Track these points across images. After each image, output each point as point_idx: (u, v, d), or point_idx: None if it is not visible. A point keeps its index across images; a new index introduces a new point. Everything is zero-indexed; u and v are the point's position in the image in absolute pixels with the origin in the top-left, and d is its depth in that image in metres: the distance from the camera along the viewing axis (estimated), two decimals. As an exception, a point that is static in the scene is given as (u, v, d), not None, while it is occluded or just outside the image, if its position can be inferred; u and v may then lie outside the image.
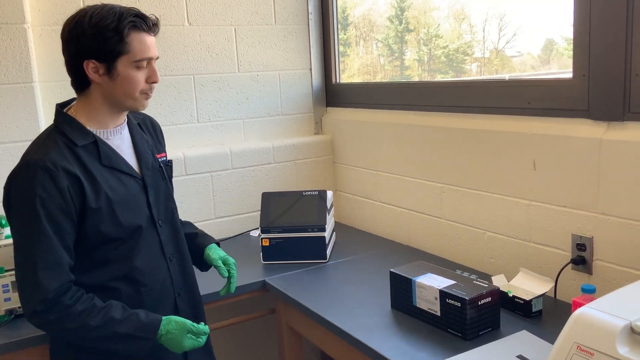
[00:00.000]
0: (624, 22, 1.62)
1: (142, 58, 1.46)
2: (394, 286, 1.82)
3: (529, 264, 1.93)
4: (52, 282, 1.38)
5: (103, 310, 1.43)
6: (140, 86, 1.49)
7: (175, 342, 1.49)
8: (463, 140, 2.15)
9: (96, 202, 1.45)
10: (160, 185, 1.64)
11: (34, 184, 1.38)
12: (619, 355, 1.03)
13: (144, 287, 1.55)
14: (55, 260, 1.40)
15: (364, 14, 3.03)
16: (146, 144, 1.64)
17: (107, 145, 1.52)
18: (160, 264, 1.60)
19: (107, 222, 1.47)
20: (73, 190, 1.41)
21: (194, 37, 2.59)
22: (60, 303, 1.39)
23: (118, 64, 1.44)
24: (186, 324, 1.51)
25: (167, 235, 1.63)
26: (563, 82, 1.83)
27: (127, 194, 1.52)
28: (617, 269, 1.70)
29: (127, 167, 1.55)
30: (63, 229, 1.41)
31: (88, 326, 1.40)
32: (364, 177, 2.74)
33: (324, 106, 3.03)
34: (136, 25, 1.44)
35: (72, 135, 1.47)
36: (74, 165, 1.43)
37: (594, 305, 1.15)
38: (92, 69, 1.44)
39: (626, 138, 1.63)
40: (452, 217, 2.26)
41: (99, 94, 1.49)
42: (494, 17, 2.24)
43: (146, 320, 1.47)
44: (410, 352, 1.55)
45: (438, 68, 2.62)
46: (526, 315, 1.70)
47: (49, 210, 1.39)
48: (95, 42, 1.42)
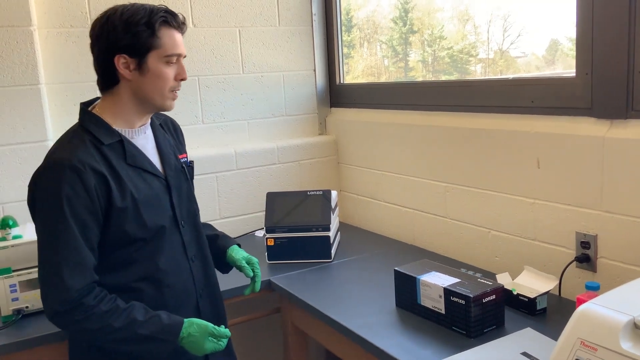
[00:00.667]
0: (626, 20, 1.63)
1: (173, 53, 1.48)
2: (399, 284, 1.83)
3: (533, 262, 1.94)
4: (76, 282, 1.37)
5: (125, 311, 1.42)
6: (169, 83, 1.50)
7: (196, 345, 1.48)
8: (467, 139, 2.16)
9: (122, 202, 1.44)
10: (183, 185, 1.63)
11: (61, 182, 1.37)
12: (622, 351, 1.04)
13: (167, 288, 1.54)
14: (80, 261, 1.39)
15: (368, 16, 3.03)
16: (169, 145, 1.64)
17: (132, 145, 1.52)
18: (183, 265, 1.60)
19: (131, 222, 1.46)
20: (100, 189, 1.41)
21: (199, 38, 2.61)
22: (84, 304, 1.38)
23: (149, 59, 1.45)
24: (208, 326, 1.50)
25: (190, 236, 1.63)
26: (566, 81, 1.84)
27: (151, 194, 1.52)
28: (621, 266, 1.70)
29: (152, 166, 1.55)
30: (89, 229, 1.41)
31: (111, 327, 1.40)
32: (368, 177, 2.75)
33: (328, 107, 3.04)
34: (167, 21, 1.46)
35: (98, 134, 1.47)
36: (101, 164, 1.43)
37: (597, 301, 1.15)
38: (122, 65, 1.45)
39: (629, 136, 1.64)
40: (457, 216, 2.26)
41: (128, 91, 1.49)
42: (498, 17, 2.24)
43: (168, 322, 1.46)
44: (414, 349, 1.56)
45: (442, 69, 2.62)
46: (531, 313, 1.71)
47: (76, 210, 1.38)
48: (126, 37, 1.43)
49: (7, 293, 1.82)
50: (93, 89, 2.37)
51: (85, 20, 2.36)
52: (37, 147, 2.25)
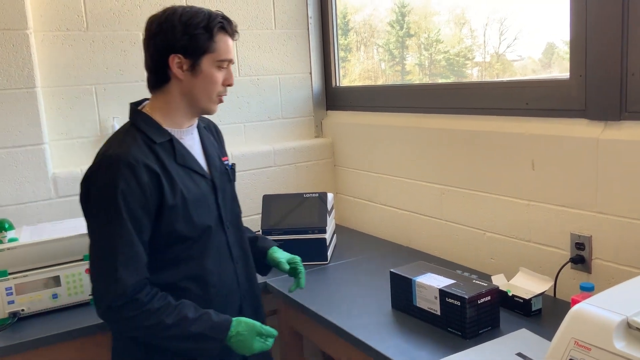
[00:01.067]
0: (619, 23, 1.64)
1: (225, 58, 1.52)
2: (394, 286, 1.83)
3: (528, 264, 1.94)
4: (130, 277, 1.39)
5: (177, 308, 1.44)
6: (218, 86, 1.54)
7: (244, 343, 1.48)
8: (462, 141, 2.17)
9: (173, 199, 1.47)
10: (227, 187, 1.66)
11: (117, 178, 1.39)
12: (616, 350, 1.04)
13: (212, 288, 1.55)
14: (134, 256, 1.41)
15: (365, 19, 3.04)
16: (213, 147, 1.68)
17: (181, 145, 1.55)
18: (228, 266, 1.62)
19: (181, 221, 1.48)
20: (152, 186, 1.43)
21: (195, 41, 2.61)
22: (137, 300, 1.39)
23: (202, 62, 1.49)
24: (255, 325, 1.51)
25: (234, 238, 1.65)
26: (560, 83, 1.85)
27: (199, 194, 1.54)
28: (615, 267, 1.71)
29: (199, 167, 1.58)
30: (142, 225, 1.43)
31: (163, 324, 1.41)
32: (364, 179, 2.75)
33: (324, 109, 3.04)
34: (224, 27, 1.51)
35: (150, 133, 1.50)
36: (153, 162, 1.46)
37: (591, 302, 1.16)
38: (176, 64, 1.48)
39: (623, 137, 1.65)
40: (452, 218, 2.27)
41: (178, 90, 1.52)
42: (494, 21, 2.25)
43: (217, 320, 1.47)
44: (410, 351, 1.56)
45: (439, 72, 2.63)
46: (526, 314, 1.71)
47: (130, 206, 1.40)
48: (184, 38, 1.46)
49: (3, 296, 1.82)
50: (89, 92, 2.40)
51: (81, 24, 2.37)
52: (33, 150, 2.25)
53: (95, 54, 2.41)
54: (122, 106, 2.46)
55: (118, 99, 2.46)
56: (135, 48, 2.48)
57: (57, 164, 2.36)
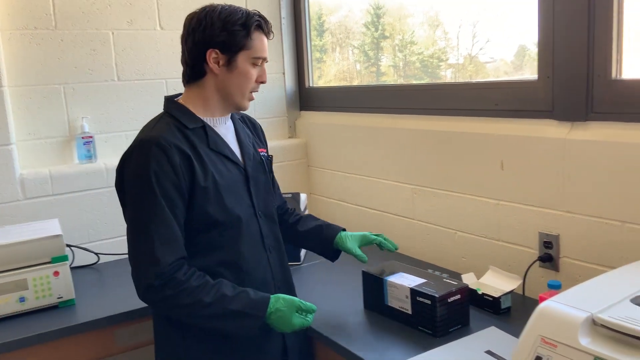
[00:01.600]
0: (585, 26, 1.67)
1: (260, 56, 1.56)
2: (366, 286, 1.84)
3: (498, 262, 1.97)
4: (168, 256, 1.41)
5: (215, 287, 1.46)
6: (251, 83, 1.58)
7: (284, 320, 1.49)
8: (433, 142, 2.19)
9: (204, 181, 1.49)
10: (261, 177, 1.68)
11: (149, 160, 1.43)
12: (581, 347, 1.06)
13: (246, 275, 1.57)
14: (171, 235, 1.43)
15: (340, 21, 3.05)
16: (247, 137, 1.70)
17: (214, 132, 1.58)
18: (261, 255, 1.63)
19: (213, 204, 1.50)
20: (184, 166, 1.46)
21: (166, 41, 2.59)
22: (175, 279, 1.41)
23: (238, 58, 1.53)
24: (294, 301, 1.52)
25: (267, 228, 1.66)
26: (528, 84, 1.88)
27: (231, 180, 1.57)
28: (582, 265, 1.75)
29: (232, 154, 1.60)
30: (176, 205, 1.45)
31: (202, 302, 1.42)
32: (338, 179, 2.76)
33: (298, 110, 3.04)
34: (260, 26, 1.56)
35: (182, 119, 1.54)
36: (185, 145, 1.49)
37: (557, 299, 1.18)
38: (213, 59, 1.52)
39: (589, 137, 1.68)
40: (424, 217, 2.29)
41: (213, 84, 1.56)
42: (467, 24, 2.28)
43: (255, 297, 1.48)
44: (381, 349, 1.57)
45: (413, 74, 2.65)
46: (495, 312, 1.74)
47: (164, 186, 1.43)
48: (222, 34, 1.50)
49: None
50: (57, 92, 2.36)
51: (49, 22, 2.33)
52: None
53: (64, 53, 2.37)
54: (92, 106, 2.44)
55: (87, 99, 2.43)
56: (105, 47, 2.45)
57: (24, 164, 2.32)
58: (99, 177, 2.40)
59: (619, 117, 1.64)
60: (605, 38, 1.64)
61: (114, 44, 2.47)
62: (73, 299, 1.96)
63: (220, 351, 1.55)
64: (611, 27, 1.63)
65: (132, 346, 1.94)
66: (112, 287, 2.12)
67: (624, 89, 1.63)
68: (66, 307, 1.94)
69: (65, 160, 2.41)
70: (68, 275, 1.94)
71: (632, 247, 1.61)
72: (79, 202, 2.37)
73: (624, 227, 1.62)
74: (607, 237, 1.66)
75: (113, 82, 2.48)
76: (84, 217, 2.38)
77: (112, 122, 2.49)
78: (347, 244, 1.79)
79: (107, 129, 2.48)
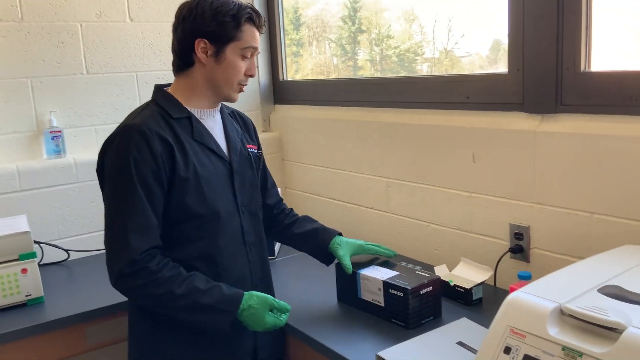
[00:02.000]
0: (555, 19, 1.69)
1: (250, 46, 1.54)
2: (340, 279, 1.84)
3: (470, 254, 1.99)
4: (141, 244, 1.40)
5: (188, 279, 1.44)
6: (240, 75, 1.56)
7: (256, 318, 1.48)
8: (406, 135, 2.19)
9: (185, 172, 1.48)
10: (247, 173, 1.66)
11: (130, 146, 1.42)
12: (549, 337, 1.07)
13: (222, 270, 1.55)
14: (146, 223, 1.42)
15: (317, 14, 3.03)
16: (235, 132, 1.69)
17: (201, 123, 1.57)
18: (240, 251, 1.61)
19: (192, 196, 1.49)
20: (165, 155, 1.45)
21: (136, 33, 2.55)
22: (148, 267, 1.40)
23: (227, 49, 1.52)
24: (268, 299, 1.51)
25: (249, 224, 1.64)
26: (499, 77, 1.89)
27: (214, 173, 1.55)
28: (552, 256, 1.77)
29: (217, 147, 1.59)
30: (154, 194, 1.44)
31: (173, 294, 1.41)
32: (313, 173, 2.75)
33: (272, 103, 3.02)
34: (252, 18, 1.54)
35: (168, 108, 1.53)
36: (167, 133, 1.48)
37: (526, 290, 1.18)
38: (201, 49, 1.51)
39: (558, 130, 1.70)
40: (398, 210, 2.29)
41: (201, 75, 1.55)
42: (442, 18, 2.28)
43: (228, 292, 1.47)
44: (353, 341, 1.57)
45: (390, 68, 2.65)
46: (467, 303, 1.75)
47: (142, 173, 1.42)
48: (212, 24, 1.49)
49: None
50: (24, 86, 2.31)
51: (15, 14, 2.27)
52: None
53: (30, 46, 2.32)
54: (60, 100, 2.39)
55: (55, 93, 2.38)
56: (73, 40, 2.40)
57: (-10, 160, 2.27)
58: (69, 172, 2.36)
59: (588, 110, 1.66)
60: (575, 31, 1.66)
61: (83, 37, 2.42)
62: (42, 297, 1.92)
63: (190, 346, 1.54)
64: (580, 20, 1.65)
65: (104, 343, 1.91)
66: (83, 284, 2.09)
67: (593, 82, 1.64)
68: (35, 304, 1.90)
69: (34, 156, 2.36)
70: (36, 273, 1.91)
71: (600, 238, 1.63)
72: (48, 198, 2.32)
73: (593, 218, 1.65)
74: (577, 228, 1.69)
75: (82, 75, 2.44)
76: (54, 213, 2.34)
77: (81, 117, 2.45)
78: (339, 251, 1.77)
79: (76, 123, 2.44)
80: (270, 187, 1.87)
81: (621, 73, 1.59)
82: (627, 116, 1.57)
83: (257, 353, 1.64)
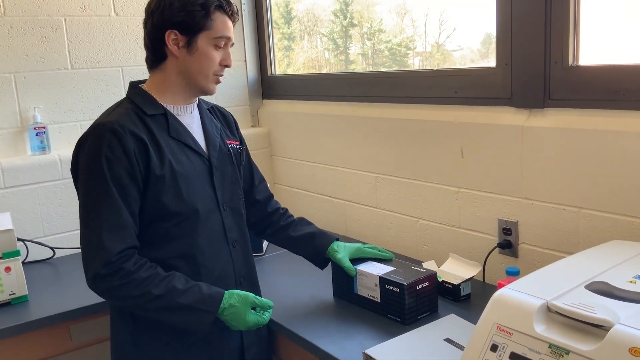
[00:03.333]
0: (542, 13, 1.67)
1: (222, 35, 1.50)
2: (336, 275, 1.82)
3: (459, 250, 1.98)
4: (116, 244, 1.37)
5: (166, 279, 1.41)
6: (214, 66, 1.52)
7: (237, 316, 1.45)
8: (395, 130, 2.18)
9: (160, 170, 1.44)
10: (228, 169, 1.63)
11: (102, 145, 1.39)
12: (536, 334, 1.06)
13: (203, 269, 1.52)
14: (121, 223, 1.39)
15: (308, 8, 3.01)
16: (215, 128, 1.65)
17: (177, 120, 1.54)
18: (222, 248, 1.58)
19: (169, 194, 1.46)
20: (139, 153, 1.42)
21: (122, 27, 2.51)
22: (124, 268, 1.37)
23: (199, 39, 1.48)
24: (249, 296, 1.48)
25: (232, 221, 1.61)
26: (487, 71, 1.88)
27: (191, 170, 1.52)
28: (540, 251, 1.76)
29: (195, 143, 1.55)
30: (128, 193, 1.41)
31: (150, 294, 1.38)
32: (301, 169, 2.73)
33: (260, 98, 3.00)
34: (221, 6, 1.50)
35: (143, 105, 1.49)
36: (142, 131, 1.44)
37: (513, 286, 1.18)
38: (172, 41, 1.47)
39: (546, 124, 1.69)
40: (387, 206, 2.28)
41: (174, 68, 1.51)
42: (434, 12, 2.27)
43: (208, 292, 1.44)
44: (343, 339, 1.55)
45: (382, 62, 2.64)
46: (455, 299, 1.74)
47: (115, 172, 1.39)
48: (181, 14, 1.45)
49: None
50: (7, 81, 2.28)
51: (-3, 8, 2.24)
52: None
53: (13, 40, 2.28)
54: (44, 95, 2.35)
55: (39, 88, 2.34)
56: (57, 34, 2.36)
57: (-27, 157, 2.23)
58: (53, 168, 2.32)
59: (576, 104, 1.65)
60: (563, 25, 1.65)
61: (67, 31, 2.39)
62: (26, 295, 1.90)
63: (174, 347, 1.52)
64: (568, 14, 1.64)
65: (89, 342, 1.89)
66: (68, 282, 2.06)
67: (581, 76, 1.64)
68: (19, 303, 1.88)
69: (18, 152, 2.33)
70: (20, 271, 1.88)
71: (588, 233, 1.63)
72: (33, 195, 2.29)
73: (581, 213, 1.64)
74: (565, 224, 1.68)
75: (66, 70, 2.40)
76: (38, 210, 2.31)
77: (65, 112, 2.41)
78: (338, 254, 1.75)
79: (60, 119, 2.40)
80: (257, 182, 1.84)
81: (609, 67, 1.58)
82: (615, 110, 1.57)
83: (243, 353, 1.62)
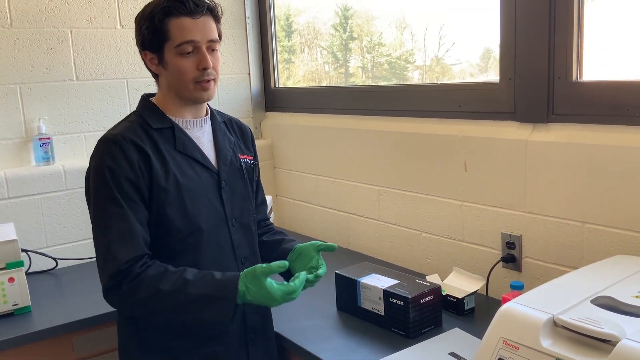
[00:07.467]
0: (546, 28, 1.69)
1: (182, 42, 1.42)
2: (339, 287, 1.82)
3: (462, 263, 1.98)
4: (125, 253, 1.34)
5: (176, 274, 1.35)
6: (189, 74, 1.45)
7: (261, 295, 1.32)
8: (398, 143, 2.19)
9: (165, 182, 1.43)
10: (238, 184, 1.58)
11: (104, 157, 1.40)
12: (542, 349, 1.06)
13: None
14: (128, 232, 1.37)
15: (309, 22, 3.03)
16: (227, 142, 1.61)
17: (184, 133, 1.52)
18: (231, 266, 1.53)
19: (173, 207, 1.43)
20: (142, 164, 1.41)
21: (127, 40, 2.53)
22: (131, 273, 1.34)
23: (165, 53, 1.45)
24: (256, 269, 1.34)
25: (241, 237, 1.56)
26: (491, 86, 1.89)
27: (198, 184, 1.48)
28: (544, 265, 1.76)
29: (203, 157, 1.52)
30: (134, 203, 1.39)
31: (160, 292, 1.32)
32: (304, 181, 2.74)
33: (264, 111, 3.01)
34: (170, 12, 1.42)
35: (149, 118, 1.49)
36: (145, 143, 1.44)
37: (519, 301, 1.18)
38: (150, 61, 1.49)
39: (550, 139, 1.70)
40: (389, 219, 2.28)
41: (165, 85, 1.51)
42: (433, 26, 2.29)
43: (222, 277, 1.35)
44: (352, 351, 1.55)
45: (381, 75, 2.66)
46: (459, 313, 1.74)
47: (120, 182, 1.38)
48: (141, 33, 1.46)
49: None
50: (13, 92, 2.29)
51: (5, 20, 2.25)
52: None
53: (19, 52, 2.29)
54: (49, 106, 2.37)
55: (44, 99, 2.36)
56: (63, 46, 2.38)
57: (-22, 167, 2.24)
58: (57, 179, 2.33)
59: (580, 119, 1.66)
60: (566, 41, 1.66)
61: (73, 43, 2.40)
62: (29, 306, 1.89)
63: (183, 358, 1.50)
64: (572, 29, 1.65)
65: (92, 354, 1.88)
66: (71, 293, 2.06)
67: (585, 91, 1.65)
68: (22, 314, 1.87)
69: (22, 163, 2.34)
70: (24, 282, 1.88)
71: (592, 247, 1.63)
72: (37, 205, 2.30)
73: (584, 228, 1.64)
74: (568, 238, 1.68)
75: (71, 81, 2.42)
76: (42, 221, 2.31)
77: (70, 123, 2.42)
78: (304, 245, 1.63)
79: (65, 130, 2.41)
80: (259, 203, 1.76)
81: (613, 83, 1.59)
82: (618, 126, 1.58)
83: None
